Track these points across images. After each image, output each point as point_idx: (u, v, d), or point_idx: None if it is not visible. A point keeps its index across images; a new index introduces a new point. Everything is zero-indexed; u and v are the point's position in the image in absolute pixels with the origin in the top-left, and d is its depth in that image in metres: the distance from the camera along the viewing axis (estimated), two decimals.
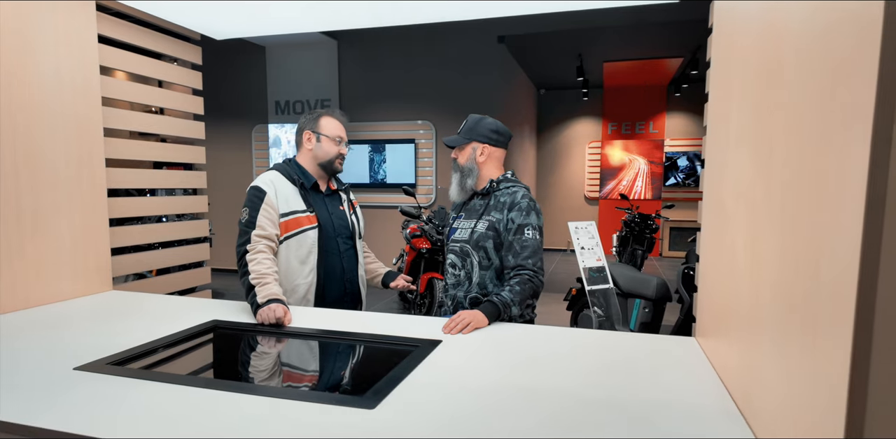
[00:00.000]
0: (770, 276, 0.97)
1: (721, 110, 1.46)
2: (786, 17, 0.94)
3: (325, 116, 2.21)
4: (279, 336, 1.79)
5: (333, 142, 2.18)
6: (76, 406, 1.19)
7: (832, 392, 0.70)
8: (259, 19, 2.63)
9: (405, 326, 1.83)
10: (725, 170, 1.37)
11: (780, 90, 0.96)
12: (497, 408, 1.18)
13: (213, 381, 1.35)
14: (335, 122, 2.22)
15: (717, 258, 1.43)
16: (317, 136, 2.18)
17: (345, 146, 2.22)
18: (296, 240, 2.10)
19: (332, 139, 2.18)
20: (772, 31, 1.02)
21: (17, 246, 2.00)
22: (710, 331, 1.51)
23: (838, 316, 0.68)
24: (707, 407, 1.18)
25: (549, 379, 1.36)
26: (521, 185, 2.10)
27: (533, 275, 1.94)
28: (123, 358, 1.49)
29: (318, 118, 2.20)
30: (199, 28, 2.79)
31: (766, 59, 1.05)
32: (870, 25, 0.63)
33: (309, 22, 2.69)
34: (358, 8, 2.42)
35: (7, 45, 1.95)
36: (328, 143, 2.17)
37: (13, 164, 1.98)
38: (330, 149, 2.18)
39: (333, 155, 2.19)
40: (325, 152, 2.18)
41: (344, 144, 2.22)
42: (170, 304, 2.19)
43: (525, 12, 2.44)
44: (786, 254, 0.89)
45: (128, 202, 2.55)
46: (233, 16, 2.57)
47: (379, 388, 1.28)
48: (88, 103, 2.28)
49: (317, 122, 2.19)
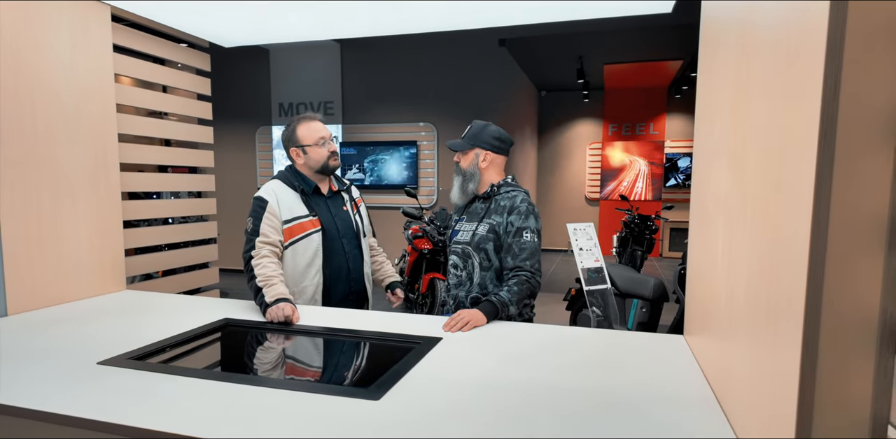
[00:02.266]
0: (742, 278, 1.06)
1: (706, 118, 1.55)
2: (756, 31, 1.03)
3: (299, 126, 2.25)
4: (287, 333, 1.88)
5: (318, 147, 2.23)
6: (102, 397, 1.28)
7: (787, 385, 0.79)
8: (267, 27, 2.72)
9: (407, 324, 1.92)
10: (710, 176, 1.46)
11: (750, 103, 1.05)
12: (494, 400, 1.27)
13: (228, 375, 1.44)
14: (310, 127, 2.25)
15: (702, 260, 1.52)
16: (301, 149, 2.24)
17: (331, 142, 2.26)
18: (301, 245, 2.19)
19: (315, 146, 2.23)
20: (745, 44, 1.11)
21: (38, 247, 2.10)
22: (696, 330, 1.60)
23: (791, 315, 0.77)
24: (688, 399, 1.27)
25: (541, 373, 1.45)
26: (520, 190, 2.19)
27: (530, 276, 2.03)
28: (143, 354, 1.59)
29: (294, 131, 2.25)
30: (208, 36, 2.88)
31: (740, 71, 1.15)
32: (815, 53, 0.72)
33: (317, 30, 2.79)
34: (364, 17, 2.51)
35: (28, 55, 2.05)
36: (314, 151, 2.23)
37: (35, 170, 2.08)
38: (319, 155, 2.23)
39: (324, 158, 2.24)
40: (316, 159, 2.24)
41: (330, 140, 2.26)
42: (182, 303, 2.28)
43: (527, 22, 2.53)
44: (754, 258, 0.98)
45: (140, 205, 2.65)
46: (241, 24, 2.66)
47: (383, 381, 1.37)
48: (104, 110, 2.38)
49: (294, 136, 2.24)
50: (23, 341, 1.71)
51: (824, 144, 0.71)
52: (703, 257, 1.51)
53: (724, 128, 1.29)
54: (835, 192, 0.71)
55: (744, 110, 1.10)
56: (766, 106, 0.94)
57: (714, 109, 1.42)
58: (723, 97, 1.32)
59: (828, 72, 0.69)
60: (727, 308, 1.18)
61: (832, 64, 0.69)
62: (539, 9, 2.34)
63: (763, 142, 0.96)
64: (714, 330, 1.32)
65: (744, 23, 1.12)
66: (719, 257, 1.27)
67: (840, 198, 0.71)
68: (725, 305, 1.20)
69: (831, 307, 0.73)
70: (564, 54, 7.47)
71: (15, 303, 2.02)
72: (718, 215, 1.30)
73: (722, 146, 1.29)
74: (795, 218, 0.78)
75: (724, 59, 1.31)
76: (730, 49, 1.25)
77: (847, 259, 0.72)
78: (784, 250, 0.82)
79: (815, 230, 0.72)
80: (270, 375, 1.59)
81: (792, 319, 0.77)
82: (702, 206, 1.55)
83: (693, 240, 1.71)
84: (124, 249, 2.51)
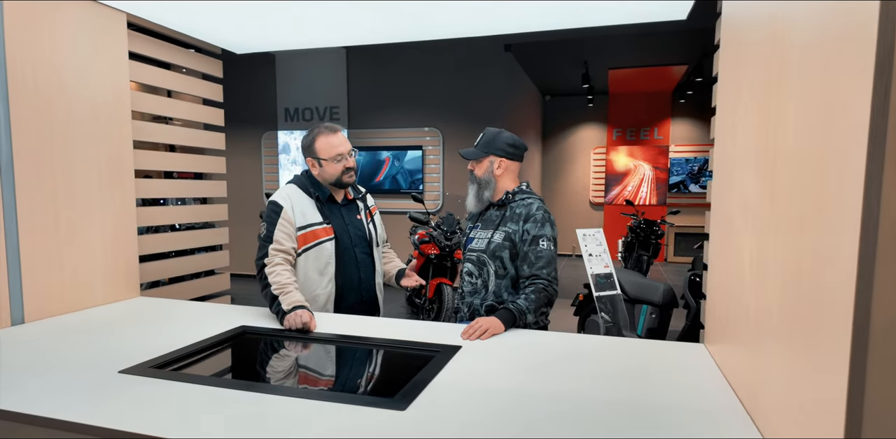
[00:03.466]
0: (775, 285, 1.05)
1: (727, 124, 1.54)
2: (791, 34, 1.02)
3: (318, 138, 2.21)
4: (306, 341, 1.88)
5: (334, 162, 2.19)
6: (126, 406, 1.27)
7: (832, 392, 0.78)
8: (279, 34, 2.73)
9: (424, 332, 1.91)
10: (733, 182, 1.45)
11: (784, 105, 1.04)
12: (522, 411, 1.26)
13: (250, 384, 1.43)
14: (330, 141, 2.20)
15: (725, 267, 1.51)
16: (317, 161, 2.22)
17: (349, 157, 2.22)
18: (314, 252, 2.18)
19: (331, 161, 2.19)
20: (777, 47, 1.10)
21: (56, 254, 2.10)
22: (718, 338, 1.59)
23: (838, 321, 0.77)
24: (716, 409, 1.26)
25: (566, 383, 1.44)
26: (535, 197, 2.19)
27: (547, 284, 2.03)
28: (164, 362, 1.58)
29: (312, 143, 2.21)
30: (221, 42, 2.89)
31: (770, 76, 1.14)
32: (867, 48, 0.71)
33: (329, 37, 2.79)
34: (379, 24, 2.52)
35: (46, 62, 2.06)
36: (329, 165, 2.20)
37: (52, 177, 2.09)
38: (333, 170, 2.21)
39: (338, 173, 2.21)
40: (330, 174, 2.22)
41: (348, 156, 2.21)
42: (197, 310, 2.28)
43: (540, 29, 2.53)
44: (789, 264, 0.97)
45: (154, 211, 2.65)
46: (254, 31, 2.67)
47: (407, 391, 1.36)
48: (120, 117, 2.38)
49: (313, 147, 2.21)
50: (44, 349, 1.71)
51: (873, 154, 0.70)
52: (725, 266, 1.51)
53: (749, 135, 1.28)
54: (884, 205, 0.70)
55: (775, 117, 1.09)
56: (802, 114, 0.94)
57: (737, 115, 1.42)
58: (748, 102, 1.31)
59: (877, 78, 0.68)
60: (757, 317, 1.17)
61: (882, 68, 0.68)
62: (551, 15, 2.34)
63: (798, 150, 0.95)
64: (740, 338, 1.31)
65: (775, 24, 1.11)
66: (747, 267, 1.26)
67: (890, 208, 0.70)
68: (755, 315, 1.19)
69: (878, 314, 0.72)
70: (570, 59, 7.48)
71: (32, 310, 2.01)
72: (745, 224, 1.29)
73: (748, 153, 1.29)
74: (840, 230, 0.77)
75: (751, 63, 1.30)
76: (757, 52, 1.25)
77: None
78: (827, 256, 0.82)
79: (863, 243, 0.71)
80: (291, 384, 1.58)
81: (838, 329, 0.76)
82: (724, 214, 1.55)
83: (713, 247, 1.70)
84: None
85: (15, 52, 1.94)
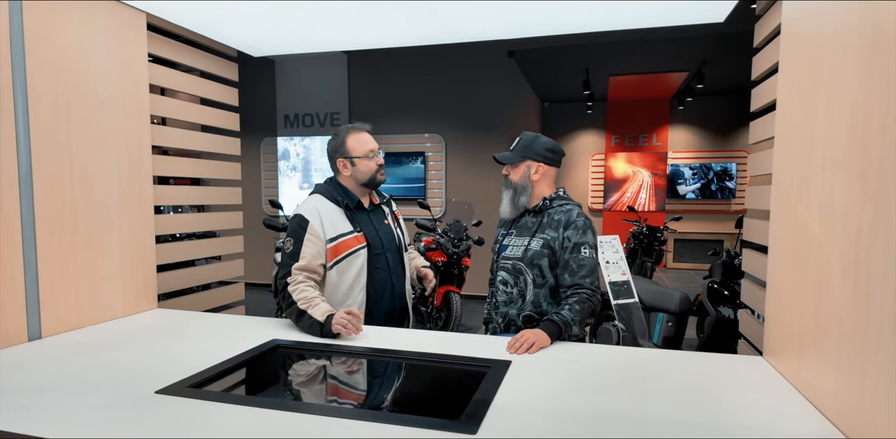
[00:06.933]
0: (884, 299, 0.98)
1: (799, 124, 1.47)
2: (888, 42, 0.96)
3: (350, 136, 2.17)
4: (345, 356, 1.78)
5: (367, 160, 2.16)
6: (170, 430, 1.18)
7: None
8: (296, 36, 2.65)
9: (468, 346, 1.82)
10: (809, 188, 1.38)
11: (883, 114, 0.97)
12: (596, 433, 1.18)
13: (303, 405, 1.34)
14: (361, 138, 2.18)
15: (799, 278, 1.44)
16: (350, 161, 2.15)
17: (379, 155, 2.19)
18: (346, 262, 2.10)
19: (365, 158, 2.15)
20: (872, 54, 1.04)
21: (72, 264, 1.99)
22: (789, 352, 1.52)
23: None
24: (807, 431, 1.19)
25: (633, 402, 1.36)
26: (574, 203, 2.12)
27: (591, 294, 1.95)
28: (200, 381, 1.48)
29: (344, 141, 2.16)
30: (238, 45, 2.80)
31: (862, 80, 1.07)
32: None
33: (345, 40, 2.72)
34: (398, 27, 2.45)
35: (64, 67, 1.95)
36: (364, 163, 2.15)
37: (70, 184, 1.98)
38: (368, 168, 2.16)
39: (373, 171, 2.17)
40: (364, 172, 2.16)
41: (378, 154, 2.18)
42: (220, 322, 2.18)
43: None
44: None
45: (170, 219, 2.54)
46: (273, 33, 2.59)
47: (472, 412, 1.27)
48: (139, 122, 2.28)
49: (344, 146, 2.16)
50: (67, 367, 1.60)
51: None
52: (800, 276, 1.44)
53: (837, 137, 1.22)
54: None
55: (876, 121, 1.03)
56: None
57: (815, 120, 1.35)
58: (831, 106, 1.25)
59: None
60: (855, 334, 1.10)
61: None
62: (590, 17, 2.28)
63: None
64: (831, 356, 1.23)
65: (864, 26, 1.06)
66: (837, 277, 1.19)
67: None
68: (850, 329, 1.12)
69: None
70: (572, 65, 7.47)
71: (50, 324, 1.90)
72: (833, 232, 1.23)
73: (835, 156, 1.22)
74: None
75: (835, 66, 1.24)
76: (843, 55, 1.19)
77: None
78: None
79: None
80: (340, 403, 1.49)
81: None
82: (793, 222, 1.48)
83: (776, 258, 1.64)
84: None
85: (35, 53, 1.84)
